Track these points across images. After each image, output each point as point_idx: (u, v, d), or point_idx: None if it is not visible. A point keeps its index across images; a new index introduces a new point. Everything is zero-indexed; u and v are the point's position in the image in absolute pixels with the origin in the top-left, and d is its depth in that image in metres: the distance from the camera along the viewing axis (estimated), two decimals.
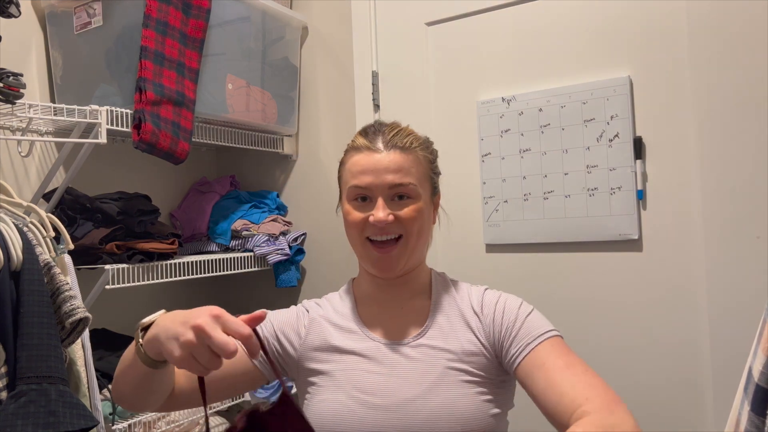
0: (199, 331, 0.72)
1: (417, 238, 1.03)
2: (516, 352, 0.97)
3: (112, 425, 1.44)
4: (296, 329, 1.09)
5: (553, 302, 1.64)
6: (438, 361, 1.00)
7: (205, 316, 0.74)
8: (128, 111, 1.50)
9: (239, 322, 0.74)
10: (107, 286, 1.46)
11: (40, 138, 1.61)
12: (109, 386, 1.49)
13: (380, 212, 0.99)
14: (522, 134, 1.68)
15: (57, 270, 1.19)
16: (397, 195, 1.01)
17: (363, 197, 1.02)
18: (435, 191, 1.09)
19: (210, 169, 2.21)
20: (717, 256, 1.43)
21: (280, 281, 1.95)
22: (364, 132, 1.07)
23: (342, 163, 1.08)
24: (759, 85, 1.38)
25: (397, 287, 1.08)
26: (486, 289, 1.10)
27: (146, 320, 0.85)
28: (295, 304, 1.16)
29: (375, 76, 1.92)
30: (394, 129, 1.06)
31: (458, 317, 1.05)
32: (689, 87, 1.47)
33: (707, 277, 1.44)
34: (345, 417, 0.97)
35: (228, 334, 0.72)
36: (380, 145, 1.02)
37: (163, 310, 0.86)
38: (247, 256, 1.89)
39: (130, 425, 1.47)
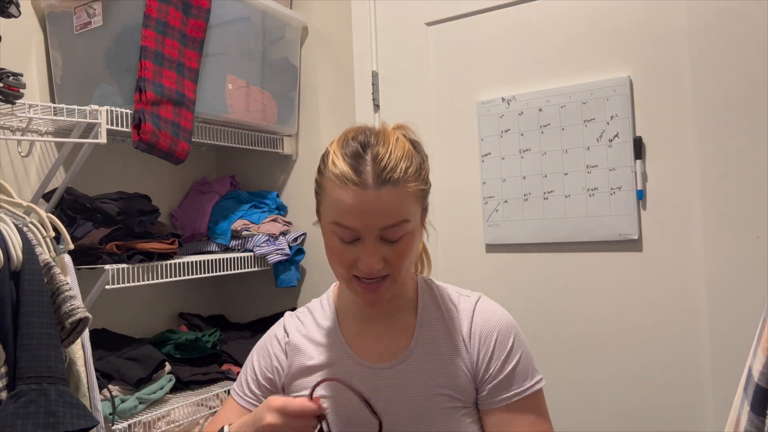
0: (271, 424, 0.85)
1: (407, 269, 0.95)
2: (490, 397, 0.95)
3: (112, 425, 1.44)
4: (279, 362, 1.05)
5: (553, 302, 1.64)
6: (424, 389, 0.95)
7: (268, 413, 0.86)
8: (128, 111, 1.50)
9: (299, 403, 0.85)
10: (107, 286, 1.46)
11: (40, 138, 1.61)
12: (109, 386, 1.49)
13: (372, 259, 0.89)
14: (522, 134, 1.68)
15: (57, 270, 1.18)
16: (388, 234, 0.90)
17: (350, 237, 0.91)
18: (425, 211, 0.99)
19: (210, 169, 2.21)
20: (717, 256, 1.43)
21: (280, 281, 1.95)
22: (347, 155, 0.90)
23: (321, 184, 0.96)
24: (759, 85, 1.38)
25: (382, 304, 1.02)
26: (476, 303, 1.01)
27: None
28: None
29: (375, 76, 1.92)
30: (384, 154, 0.89)
31: (445, 338, 0.99)
32: (689, 87, 1.47)
33: (707, 277, 1.44)
34: None
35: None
36: (369, 179, 0.87)
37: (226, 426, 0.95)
38: (247, 256, 1.89)
39: (130, 425, 1.47)
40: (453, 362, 0.96)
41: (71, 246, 1.34)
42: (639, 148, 1.53)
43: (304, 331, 1.05)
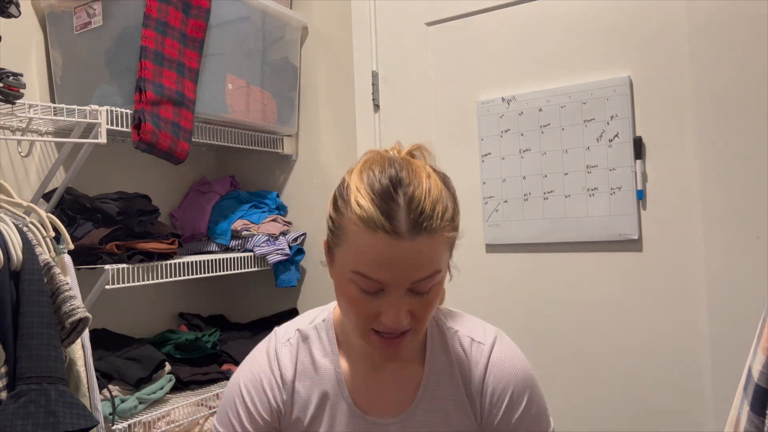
0: None
1: (430, 319, 0.87)
2: None
3: (112, 425, 1.44)
4: (278, 404, 0.93)
5: (553, 302, 1.64)
6: None
7: None
8: (128, 111, 1.50)
9: None
10: (107, 286, 1.46)
11: (40, 138, 1.61)
12: (109, 386, 1.49)
13: (399, 314, 0.79)
14: (522, 134, 1.68)
15: (57, 270, 1.19)
16: (418, 287, 0.80)
17: (373, 289, 0.80)
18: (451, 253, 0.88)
19: (210, 169, 2.21)
20: (717, 256, 1.43)
21: (280, 281, 1.95)
22: (376, 194, 0.78)
23: (339, 225, 0.82)
24: (759, 85, 1.38)
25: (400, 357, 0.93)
26: (490, 354, 0.91)
27: None
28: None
29: (375, 76, 1.92)
30: (420, 196, 0.78)
31: (453, 392, 0.91)
32: (689, 87, 1.47)
33: (707, 277, 1.44)
34: None
35: None
36: (403, 227, 0.76)
37: None
38: (247, 256, 1.89)
39: (130, 425, 1.47)
40: (459, 419, 0.90)
41: (71, 246, 1.34)
42: (639, 148, 1.53)
43: (300, 368, 0.93)
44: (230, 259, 1.83)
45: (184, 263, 1.67)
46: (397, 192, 0.77)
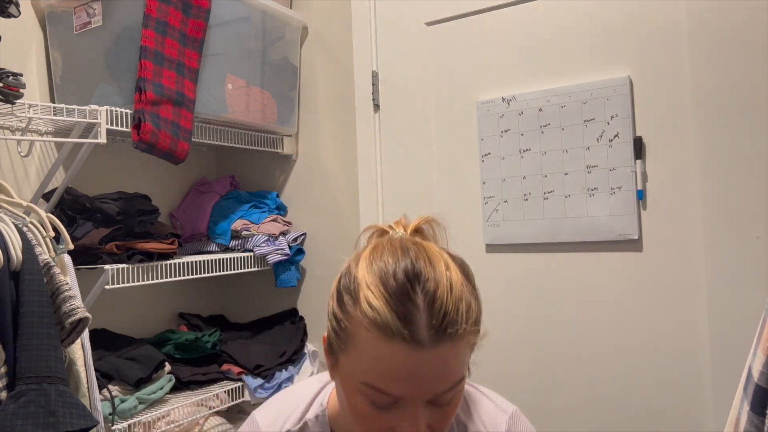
0: None
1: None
2: None
3: (112, 425, 1.44)
4: None
5: (553, 302, 1.64)
6: None
7: None
8: (128, 111, 1.50)
9: None
10: (107, 286, 1.46)
11: (39, 138, 1.61)
12: (109, 386, 1.49)
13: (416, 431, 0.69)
14: (522, 134, 1.68)
15: (57, 270, 1.18)
16: (439, 399, 0.71)
17: (387, 403, 0.70)
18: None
19: (210, 169, 2.21)
20: (717, 256, 1.43)
21: (280, 281, 1.95)
22: (391, 294, 0.67)
23: (345, 327, 0.71)
24: (759, 85, 1.38)
25: None
26: None
27: None
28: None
29: (375, 76, 1.92)
30: (442, 294, 0.68)
31: None
32: (689, 87, 1.47)
33: (707, 277, 1.44)
34: None
35: None
36: (423, 333, 0.65)
37: None
38: (247, 256, 1.89)
39: (129, 425, 1.47)
40: None
41: (71, 246, 1.34)
42: (639, 148, 1.53)
43: None
44: (230, 259, 1.83)
45: (184, 263, 1.67)
46: (415, 290, 0.67)
